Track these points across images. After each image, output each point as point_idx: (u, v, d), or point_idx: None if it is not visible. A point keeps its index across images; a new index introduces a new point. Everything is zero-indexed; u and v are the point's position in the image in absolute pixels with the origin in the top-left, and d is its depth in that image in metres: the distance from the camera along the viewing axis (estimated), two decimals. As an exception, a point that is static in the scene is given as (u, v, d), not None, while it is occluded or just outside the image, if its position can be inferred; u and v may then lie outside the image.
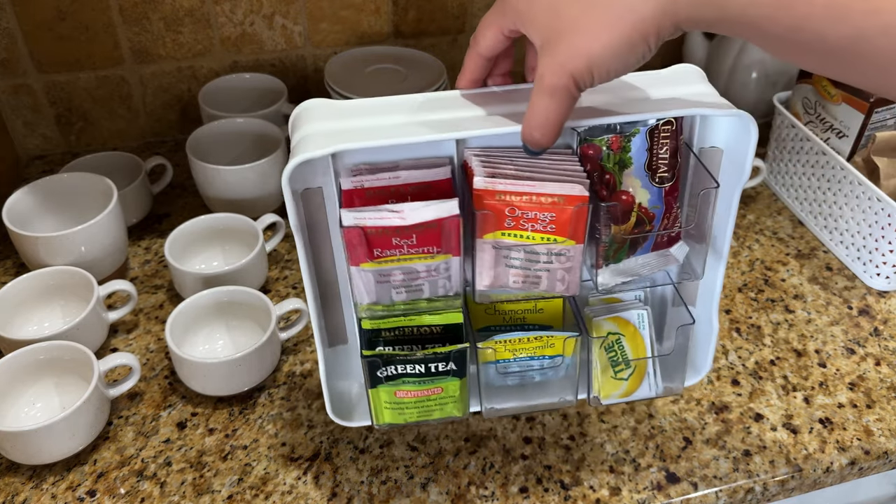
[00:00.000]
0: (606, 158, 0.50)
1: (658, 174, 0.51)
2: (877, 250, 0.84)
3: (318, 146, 0.46)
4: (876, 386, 0.76)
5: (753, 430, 0.71)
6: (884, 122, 0.87)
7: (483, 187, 0.47)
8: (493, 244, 0.49)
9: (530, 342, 0.55)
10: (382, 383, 0.54)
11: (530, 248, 0.49)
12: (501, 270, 0.51)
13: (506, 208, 0.48)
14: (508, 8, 0.45)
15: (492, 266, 0.51)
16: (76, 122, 1.01)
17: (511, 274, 0.51)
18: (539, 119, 0.43)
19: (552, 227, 0.48)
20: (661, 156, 0.50)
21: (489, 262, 0.50)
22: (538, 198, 0.47)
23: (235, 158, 0.91)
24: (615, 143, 0.49)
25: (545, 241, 0.49)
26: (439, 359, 0.53)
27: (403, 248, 0.48)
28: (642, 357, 0.57)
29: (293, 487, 0.65)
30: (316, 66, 1.05)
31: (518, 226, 0.49)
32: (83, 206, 0.84)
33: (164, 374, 0.75)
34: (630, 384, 0.59)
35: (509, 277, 0.51)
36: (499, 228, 0.48)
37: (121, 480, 0.66)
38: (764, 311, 0.83)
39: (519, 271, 0.51)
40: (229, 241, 0.84)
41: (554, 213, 0.48)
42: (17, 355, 0.68)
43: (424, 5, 1.03)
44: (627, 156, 0.50)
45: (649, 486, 0.66)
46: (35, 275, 0.76)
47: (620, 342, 0.57)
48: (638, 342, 0.57)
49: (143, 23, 0.95)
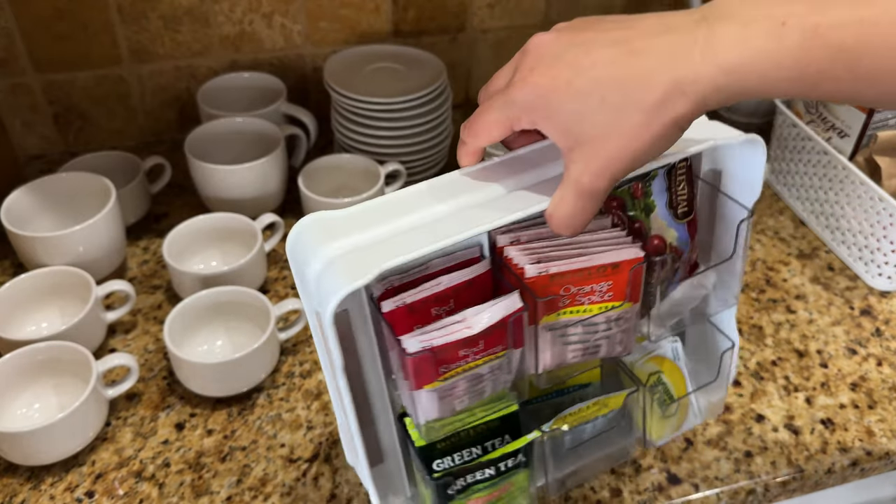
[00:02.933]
0: (632, 206, 0.49)
1: (679, 210, 0.51)
2: (879, 250, 0.84)
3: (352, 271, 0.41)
4: (878, 386, 0.75)
5: (755, 431, 0.71)
6: (885, 121, 0.86)
7: (537, 274, 0.45)
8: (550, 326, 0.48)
9: (589, 409, 0.53)
10: (454, 499, 0.51)
11: (589, 320, 0.48)
12: (559, 349, 0.49)
13: (560, 288, 0.46)
14: (522, 109, 0.43)
15: (550, 348, 0.49)
16: (74, 121, 1.01)
17: (569, 350, 0.50)
18: (570, 218, 0.43)
19: (610, 295, 0.47)
20: (679, 192, 0.50)
21: (548, 344, 0.49)
22: (594, 270, 0.46)
23: (234, 158, 0.91)
24: (637, 190, 0.49)
25: (603, 309, 0.48)
26: (509, 455, 0.51)
27: (469, 356, 0.45)
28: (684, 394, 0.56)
29: (292, 489, 0.65)
30: (315, 65, 1.05)
31: (574, 302, 0.47)
32: (81, 205, 0.84)
33: (163, 374, 0.75)
34: (678, 418, 0.59)
35: (568, 354, 0.50)
36: (555, 310, 0.47)
37: (119, 481, 0.65)
38: (766, 311, 0.83)
39: (578, 345, 0.50)
40: (228, 241, 0.84)
41: (611, 280, 0.47)
42: (15, 356, 0.68)
43: (424, 4, 1.03)
44: (650, 200, 0.50)
45: (650, 488, 0.66)
46: (33, 275, 0.76)
47: (661, 380, 0.57)
48: (677, 376, 0.57)
49: (141, 22, 0.95)
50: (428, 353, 0.43)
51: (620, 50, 0.40)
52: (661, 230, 0.51)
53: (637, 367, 0.57)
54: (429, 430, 0.48)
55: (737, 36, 0.37)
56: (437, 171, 0.99)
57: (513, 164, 0.48)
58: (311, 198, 0.85)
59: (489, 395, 0.48)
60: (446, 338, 0.44)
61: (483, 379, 0.47)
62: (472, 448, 0.52)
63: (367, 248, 0.43)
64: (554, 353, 0.49)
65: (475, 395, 0.48)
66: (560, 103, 0.41)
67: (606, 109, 0.40)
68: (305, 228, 0.46)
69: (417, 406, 0.46)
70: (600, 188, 0.42)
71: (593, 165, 0.41)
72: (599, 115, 0.40)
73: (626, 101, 0.39)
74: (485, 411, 0.50)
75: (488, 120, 0.45)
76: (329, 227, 0.45)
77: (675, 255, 0.51)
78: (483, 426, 0.52)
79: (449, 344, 0.44)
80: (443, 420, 0.48)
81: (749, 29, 0.37)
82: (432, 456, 0.51)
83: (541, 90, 0.41)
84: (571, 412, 0.53)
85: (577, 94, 0.40)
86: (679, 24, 0.39)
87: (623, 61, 0.39)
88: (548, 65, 0.42)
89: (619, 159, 0.41)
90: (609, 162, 0.41)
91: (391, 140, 0.92)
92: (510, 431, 0.52)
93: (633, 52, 0.39)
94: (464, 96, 1.14)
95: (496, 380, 0.48)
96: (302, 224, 0.46)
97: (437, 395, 0.46)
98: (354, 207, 0.46)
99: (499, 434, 0.52)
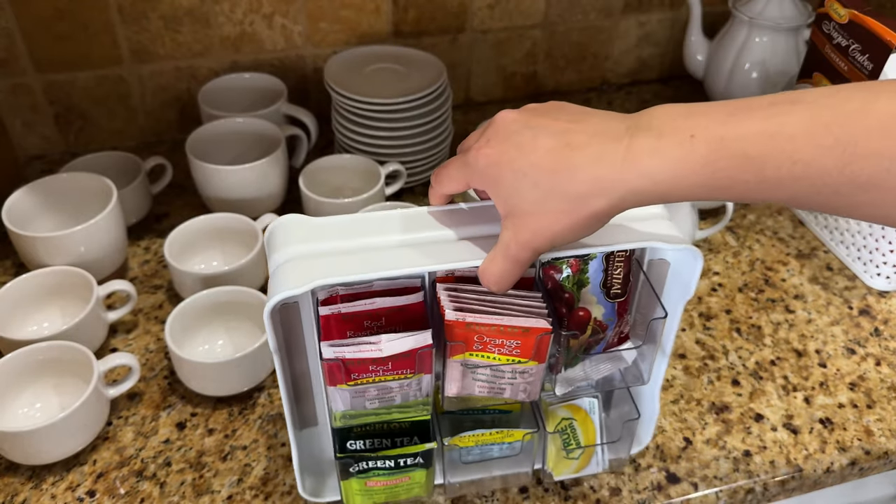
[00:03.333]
0: (566, 280, 0.55)
1: (612, 291, 0.56)
2: (877, 250, 0.84)
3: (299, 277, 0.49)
4: (876, 386, 0.76)
5: (754, 431, 0.71)
6: (884, 121, 0.86)
7: (454, 319, 0.52)
8: (461, 363, 0.54)
9: (493, 436, 0.60)
10: (354, 476, 0.58)
11: (496, 366, 0.55)
12: (468, 382, 0.56)
13: (475, 335, 0.52)
14: (474, 172, 0.48)
15: (459, 379, 0.55)
16: (75, 121, 1.01)
17: (477, 385, 0.56)
18: (497, 277, 0.49)
19: (517, 351, 0.53)
20: (615, 276, 0.56)
21: (457, 376, 0.55)
22: (505, 329, 0.52)
23: (235, 158, 0.91)
24: (574, 266, 0.55)
25: (510, 362, 0.54)
26: (408, 455, 0.58)
27: (379, 371, 0.52)
28: (592, 444, 0.63)
29: (293, 488, 0.65)
30: (315, 66, 1.05)
31: (485, 349, 0.53)
32: (82, 206, 0.84)
33: (164, 374, 0.75)
34: (580, 462, 0.64)
35: (475, 388, 0.56)
36: (467, 350, 0.53)
37: (120, 481, 0.66)
38: (764, 311, 0.83)
39: (484, 384, 0.56)
40: (229, 241, 0.84)
41: (520, 340, 0.53)
42: (17, 355, 0.68)
43: (424, 5, 1.03)
44: (585, 276, 0.56)
45: (649, 487, 0.66)
46: (34, 275, 0.76)
47: (573, 426, 0.63)
48: (588, 426, 0.63)
49: (142, 22, 0.95)
50: (339, 362, 0.51)
51: (560, 142, 0.45)
52: (590, 305, 0.56)
53: (553, 409, 0.63)
54: (344, 416, 0.56)
55: (652, 146, 0.42)
56: (437, 171, 1.00)
57: (474, 213, 0.54)
58: (312, 198, 0.85)
59: (399, 403, 0.55)
60: (357, 354, 0.51)
61: (392, 390, 0.54)
62: (383, 440, 0.59)
63: (321, 258, 0.51)
64: (462, 385, 0.56)
65: (386, 401, 0.55)
66: (503, 176, 0.46)
67: (537, 191, 0.45)
68: (281, 225, 0.54)
69: (332, 398, 0.54)
70: (524, 257, 0.48)
71: (520, 236, 0.47)
72: (531, 194, 0.45)
73: (553, 188, 0.45)
74: (401, 413, 0.57)
75: (450, 174, 0.52)
76: (302, 229, 0.53)
77: (599, 329, 0.57)
78: (397, 425, 0.59)
79: (357, 359, 0.51)
80: (356, 412, 0.55)
81: (663, 140, 0.42)
82: (348, 437, 0.59)
83: (490, 161, 0.47)
84: (473, 434, 0.60)
85: (517, 172, 0.46)
86: (612, 129, 0.44)
87: (559, 152, 0.44)
88: (501, 140, 0.47)
89: (541, 236, 0.46)
90: (533, 236, 0.46)
91: (391, 140, 0.92)
92: (419, 434, 0.59)
93: (570, 146, 0.44)
94: (464, 97, 1.14)
95: (405, 393, 0.55)
96: (280, 220, 0.54)
97: (349, 394, 0.53)
98: (331, 218, 0.54)
99: (409, 434, 0.60)
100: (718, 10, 1.14)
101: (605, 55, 1.17)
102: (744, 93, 1.08)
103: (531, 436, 0.60)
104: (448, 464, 0.62)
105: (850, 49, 0.84)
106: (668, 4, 1.14)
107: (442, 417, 0.63)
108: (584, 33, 1.13)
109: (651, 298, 0.58)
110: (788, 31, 1.03)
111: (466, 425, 0.62)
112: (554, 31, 1.11)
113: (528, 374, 0.55)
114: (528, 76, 1.14)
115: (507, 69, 1.12)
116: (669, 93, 1.19)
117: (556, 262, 0.55)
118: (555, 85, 1.17)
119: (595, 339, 0.58)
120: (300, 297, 0.54)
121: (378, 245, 0.52)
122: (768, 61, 1.05)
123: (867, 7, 0.84)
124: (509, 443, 0.61)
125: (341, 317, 0.54)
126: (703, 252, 0.91)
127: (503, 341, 0.53)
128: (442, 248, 0.52)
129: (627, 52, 1.17)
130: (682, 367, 0.77)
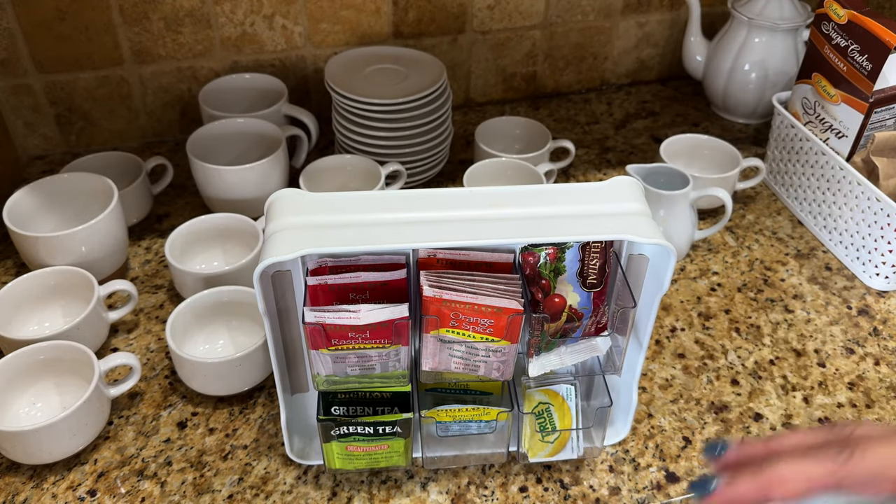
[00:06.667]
0: (543, 266, 0.57)
1: (588, 280, 0.58)
2: (876, 250, 0.84)
3: (288, 245, 0.52)
4: (875, 386, 0.76)
5: (753, 430, 0.71)
6: (883, 122, 0.87)
7: (431, 295, 0.54)
8: (437, 338, 0.56)
9: (469, 412, 0.62)
10: (335, 440, 0.61)
11: (470, 343, 0.56)
12: (444, 357, 0.58)
13: (450, 312, 0.55)
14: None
15: (435, 354, 0.57)
16: (76, 122, 1.01)
17: (453, 361, 0.58)
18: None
19: (490, 330, 0.55)
20: (591, 266, 0.58)
21: (433, 350, 0.57)
22: (479, 307, 0.54)
23: (235, 158, 0.91)
24: (552, 254, 0.57)
25: (484, 339, 0.56)
26: (386, 423, 0.60)
27: (358, 339, 0.55)
28: (568, 428, 0.64)
29: (293, 487, 0.65)
30: (316, 67, 1.05)
31: (460, 326, 0.55)
32: (84, 206, 0.84)
33: (165, 373, 0.75)
34: (555, 447, 0.65)
35: (451, 363, 0.58)
36: (443, 327, 0.55)
37: (121, 480, 0.66)
38: (763, 310, 0.84)
39: (460, 360, 0.58)
40: (229, 241, 0.84)
41: (493, 319, 0.55)
42: (18, 355, 0.68)
43: (424, 5, 1.03)
44: (562, 264, 0.57)
45: (649, 486, 0.66)
46: (35, 275, 0.76)
47: (549, 411, 0.64)
48: (565, 412, 0.64)
49: (143, 23, 0.96)
50: (319, 326, 0.54)
51: None
52: (566, 293, 0.58)
53: (531, 392, 0.64)
54: (327, 381, 0.58)
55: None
56: (437, 171, 1.00)
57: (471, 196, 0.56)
58: (312, 198, 0.86)
59: (379, 372, 0.58)
60: (337, 321, 0.54)
61: (371, 359, 0.57)
62: (366, 407, 0.62)
63: (312, 229, 0.53)
64: (439, 360, 0.58)
65: (366, 369, 0.58)
66: None
67: None
68: (280, 197, 0.57)
69: (314, 362, 0.57)
70: None
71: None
72: None
73: None
74: (383, 384, 0.60)
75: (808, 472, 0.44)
76: (296, 205, 0.55)
77: (574, 316, 0.59)
78: (379, 395, 0.62)
79: (337, 325, 0.54)
80: (339, 378, 0.58)
81: None
82: (332, 403, 0.62)
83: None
84: (450, 409, 0.62)
85: None
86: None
87: None
88: None
89: None
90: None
91: (392, 141, 0.93)
92: (399, 405, 0.62)
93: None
94: (464, 97, 1.14)
95: (385, 363, 0.57)
96: (280, 193, 0.57)
97: (331, 358, 0.56)
98: (328, 194, 0.56)
99: (390, 404, 0.63)
100: (718, 11, 1.14)
101: (605, 56, 1.17)
102: (743, 93, 1.08)
103: (506, 415, 0.62)
104: (426, 437, 0.63)
105: (849, 49, 0.84)
106: (667, 5, 1.14)
107: (426, 394, 0.65)
108: (584, 34, 1.13)
109: (627, 291, 0.59)
110: (787, 31, 1.04)
111: (449, 400, 0.64)
112: (553, 31, 1.11)
113: (500, 353, 0.57)
114: (527, 77, 1.15)
115: (506, 70, 1.13)
116: (669, 93, 1.19)
117: (535, 249, 0.57)
118: (554, 85, 1.17)
119: (571, 327, 0.60)
120: (292, 266, 0.58)
121: (370, 221, 0.54)
122: (767, 61, 1.05)
123: (866, 7, 0.84)
124: (486, 421, 0.63)
125: (328, 287, 0.56)
126: (703, 252, 0.91)
127: (477, 319, 0.55)
128: (430, 227, 0.54)
129: (627, 52, 1.18)
130: (681, 366, 0.77)
